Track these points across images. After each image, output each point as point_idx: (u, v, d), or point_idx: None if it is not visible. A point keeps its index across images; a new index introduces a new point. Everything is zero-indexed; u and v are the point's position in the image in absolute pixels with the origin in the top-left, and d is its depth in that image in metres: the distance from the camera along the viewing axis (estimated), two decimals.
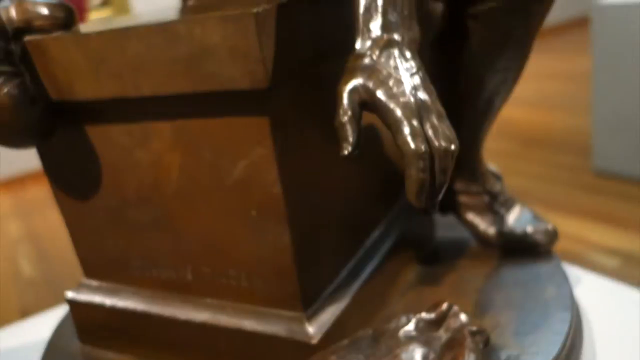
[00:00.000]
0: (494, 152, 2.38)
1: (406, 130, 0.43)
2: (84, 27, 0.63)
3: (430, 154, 0.44)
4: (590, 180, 2.21)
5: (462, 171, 0.75)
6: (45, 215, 2.69)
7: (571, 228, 1.89)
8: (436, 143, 0.44)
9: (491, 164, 0.81)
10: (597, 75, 2.07)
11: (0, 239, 2.49)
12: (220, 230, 0.59)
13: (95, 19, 0.78)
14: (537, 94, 3.37)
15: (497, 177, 0.80)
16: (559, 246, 0.80)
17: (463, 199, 0.78)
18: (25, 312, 1.85)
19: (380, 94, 0.45)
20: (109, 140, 0.61)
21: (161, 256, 0.65)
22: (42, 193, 3.00)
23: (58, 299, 1.91)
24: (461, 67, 0.64)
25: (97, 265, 0.71)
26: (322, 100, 0.55)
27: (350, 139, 0.45)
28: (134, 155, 0.61)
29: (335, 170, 0.63)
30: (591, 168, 2.23)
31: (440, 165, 0.44)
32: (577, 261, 1.67)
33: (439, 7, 0.65)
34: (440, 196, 0.46)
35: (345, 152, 0.46)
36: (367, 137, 0.64)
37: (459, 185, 0.77)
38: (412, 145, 0.43)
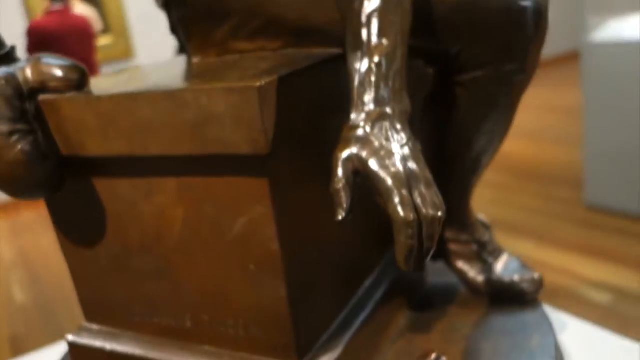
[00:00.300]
0: (488, 184, 2.42)
1: (396, 199, 0.47)
2: (95, 83, 0.66)
3: (419, 221, 0.47)
4: (583, 214, 2.25)
5: (452, 221, 0.78)
6: (38, 239, 2.70)
7: (563, 262, 1.92)
8: (424, 211, 0.47)
9: (480, 214, 0.84)
10: (588, 112, 2.13)
11: None
12: (220, 282, 0.62)
13: (106, 75, 0.81)
14: (531, 127, 3.44)
15: (486, 227, 0.83)
16: (551, 280, 0.82)
17: (453, 247, 0.81)
18: (15, 339, 1.85)
19: (372, 164, 0.48)
20: (115, 192, 0.64)
21: (162, 303, 0.67)
22: (36, 217, 3.01)
23: (48, 326, 1.92)
24: (450, 127, 0.68)
25: (98, 309, 0.73)
26: (318, 160, 0.58)
27: (345, 205, 0.49)
28: (138, 207, 0.64)
29: (330, 223, 0.66)
30: (584, 202, 2.27)
31: (427, 231, 0.47)
32: (568, 296, 1.70)
33: (430, 69, 0.68)
34: (428, 259, 0.49)
35: (340, 218, 0.49)
36: (361, 188, 0.68)
37: (449, 234, 0.80)
38: (402, 214, 0.46)
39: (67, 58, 0.63)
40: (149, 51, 3.71)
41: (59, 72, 0.61)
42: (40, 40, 2.75)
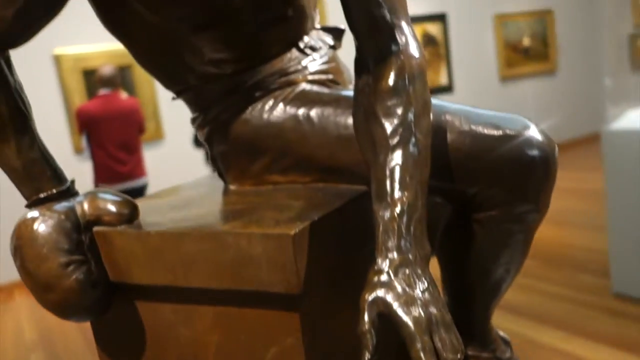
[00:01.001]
0: None
1: (418, 345, 0.50)
2: (142, 207, 0.73)
3: None
4: (611, 303, 2.21)
5: (473, 338, 0.81)
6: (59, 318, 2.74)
7: (593, 355, 1.87)
8: (444, 355, 0.51)
9: (501, 331, 0.86)
10: (611, 199, 2.14)
11: (15, 344, 2.53)
12: None
13: (150, 197, 0.89)
14: (556, 210, 3.44)
15: (507, 343, 0.85)
16: None
17: None
18: None
19: (396, 308, 0.52)
20: (156, 316, 0.69)
21: None
22: None
23: None
24: (468, 258, 0.72)
25: None
26: (346, 293, 0.63)
27: (370, 347, 0.52)
28: (177, 330, 0.68)
29: (356, 349, 0.69)
30: (611, 290, 2.24)
31: None
32: None
33: (449, 205, 0.74)
34: None
35: (366, 359, 0.52)
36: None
37: (471, 351, 0.82)
38: None
39: (120, 193, 0.70)
40: (176, 133, 3.90)
41: (112, 208, 0.68)
42: (86, 121, 2.91)
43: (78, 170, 3.55)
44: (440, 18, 4.76)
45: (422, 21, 4.66)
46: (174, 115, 3.92)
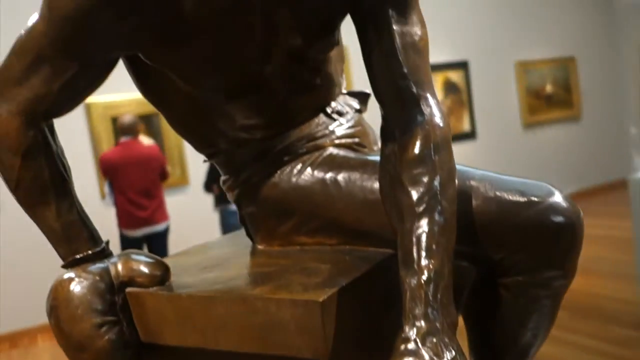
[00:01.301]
0: None
1: None
2: (172, 265, 0.74)
3: None
4: None
5: None
6: None
7: None
8: None
9: None
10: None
11: None
12: None
13: (179, 255, 0.92)
14: (583, 258, 3.34)
15: None
16: None
17: None
18: None
19: None
20: None
21: None
22: None
23: None
24: (495, 322, 0.72)
25: None
26: (373, 357, 0.63)
27: None
28: None
29: None
30: None
31: None
32: None
33: (474, 268, 0.74)
34: None
35: None
36: None
37: None
38: None
39: (152, 255, 0.73)
40: (201, 180, 3.96)
41: (145, 269, 0.70)
42: (108, 168, 3.03)
43: (103, 215, 3.62)
44: (462, 66, 4.82)
45: (444, 69, 4.72)
46: (199, 161, 3.97)
